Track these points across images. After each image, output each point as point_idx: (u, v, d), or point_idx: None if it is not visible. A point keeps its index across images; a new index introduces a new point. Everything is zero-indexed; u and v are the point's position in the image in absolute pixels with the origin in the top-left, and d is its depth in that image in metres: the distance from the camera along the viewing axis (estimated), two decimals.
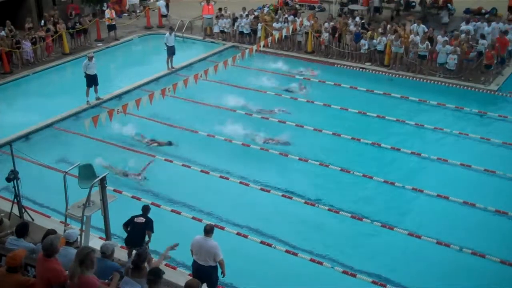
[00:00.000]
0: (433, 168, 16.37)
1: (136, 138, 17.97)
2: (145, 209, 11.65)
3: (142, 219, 11.42)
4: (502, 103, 20.94)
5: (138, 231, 11.39)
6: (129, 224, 11.51)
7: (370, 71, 23.81)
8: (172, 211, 14.21)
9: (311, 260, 12.44)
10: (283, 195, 14.89)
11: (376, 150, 17.40)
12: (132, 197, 14.68)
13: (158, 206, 14.20)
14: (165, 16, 30.33)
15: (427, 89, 21.79)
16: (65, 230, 10.08)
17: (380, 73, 23.52)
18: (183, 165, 16.43)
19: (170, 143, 17.71)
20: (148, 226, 11.43)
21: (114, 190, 13.87)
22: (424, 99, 20.72)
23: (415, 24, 24.46)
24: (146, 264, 8.63)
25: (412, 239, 13.20)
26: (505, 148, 17.43)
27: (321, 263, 12.34)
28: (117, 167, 16.09)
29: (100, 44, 27.18)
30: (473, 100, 20.80)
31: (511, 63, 23.84)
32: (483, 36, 22.84)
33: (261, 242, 13.02)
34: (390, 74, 23.28)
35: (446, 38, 22.43)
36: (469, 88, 21.83)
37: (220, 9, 27.90)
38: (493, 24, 24.25)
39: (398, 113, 19.63)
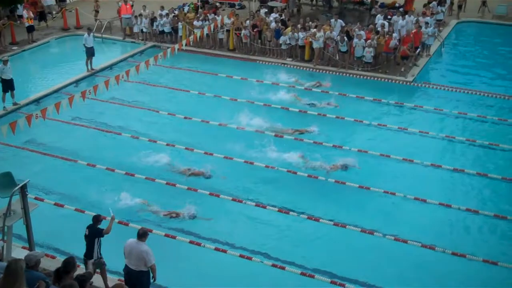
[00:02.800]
0: (354, 160, 16.71)
1: (174, 169, 16.30)
2: (93, 219, 11.23)
3: (87, 232, 11.08)
4: (418, 93, 21.81)
5: (86, 242, 11.10)
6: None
7: (291, 66, 24.19)
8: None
9: None
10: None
11: (298, 144, 17.70)
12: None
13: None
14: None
15: (346, 83, 22.36)
16: None
17: (302, 68, 23.93)
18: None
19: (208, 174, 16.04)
20: (92, 237, 11.03)
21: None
22: (343, 92, 21.27)
23: (333, 20, 25.04)
24: (72, 273, 8.44)
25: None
26: (421, 137, 18.16)
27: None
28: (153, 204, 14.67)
29: (15, 48, 26.24)
30: (391, 92, 21.57)
31: (427, 54, 24.87)
32: (396, 31, 23.66)
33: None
34: (311, 69, 23.72)
35: (361, 32, 23.12)
36: (386, 80, 22.59)
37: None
38: (407, 17, 25.18)
39: (320, 108, 20.08)
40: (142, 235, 10.38)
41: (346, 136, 18.23)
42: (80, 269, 10.12)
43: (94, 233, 11.05)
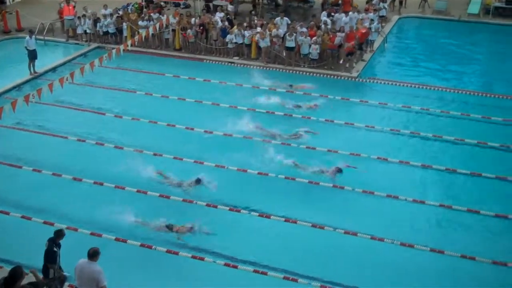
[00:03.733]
0: (303, 156, 16.89)
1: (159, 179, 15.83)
2: (55, 233, 10.88)
3: (46, 245, 10.77)
4: (363, 88, 22.21)
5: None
6: None
7: (238, 65, 24.25)
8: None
9: None
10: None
11: (248, 142, 17.75)
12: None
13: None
14: None
15: (294, 79, 22.50)
16: None
17: (249, 66, 24.02)
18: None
19: (199, 181, 15.48)
20: (46, 257, 10.70)
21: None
22: (291, 89, 21.45)
23: (279, 18, 25.20)
24: (19, 282, 8.27)
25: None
26: (367, 131, 18.53)
27: None
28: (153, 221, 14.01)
29: None
30: (337, 87, 21.82)
31: (370, 50, 25.35)
32: (341, 29, 23.99)
33: None
34: (259, 67, 23.82)
35: (304, 29, 23.40)
36: (332, 76, 22.91)
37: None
38: (350, 14, 25.56)
39: (269, 105, 20.13)
40: (92, 255, 10.10)
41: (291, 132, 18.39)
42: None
43: (46, 254, 10.73)
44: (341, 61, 23.65)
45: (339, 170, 15.88)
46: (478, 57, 26.23)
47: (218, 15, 26.03)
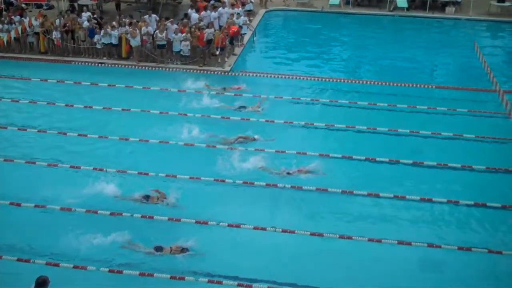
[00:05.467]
0: (179, 153, 16.96)
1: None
2: None
3: None
4: (236, 81, 22.55)
5: None
6: None
7: (109, 65, 23.77)
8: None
9: None
10: None
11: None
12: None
13: None
14: None
15: (167, 77, 22.39)
16: None
17: (120, 66, 23.61)
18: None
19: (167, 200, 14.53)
20: None
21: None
22: (165, 87, 21.37)
23: (147, 16, 24.95)
24: None
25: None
26: (244, 122, 18.83)
27: None
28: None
29: None
30: (212, 82, 21.94)
31: (241, 44, 25.83)
32: (209, 25, 24.22)
33: None
34: (130, 66, 23.51)
35: (174, 26, 23.44)
36: (205, 72, 23.12)
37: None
38: (220, 9, 25.84)
39: (143, 104, 19.89)
40: (41, 283, 9.42)
41: (169, 130, 18.28)
42: None
43: None
44: (217, 53, 23.89)
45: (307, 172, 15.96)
46: (343, 46, 27.61)
47: (85, 15, 25.25)
